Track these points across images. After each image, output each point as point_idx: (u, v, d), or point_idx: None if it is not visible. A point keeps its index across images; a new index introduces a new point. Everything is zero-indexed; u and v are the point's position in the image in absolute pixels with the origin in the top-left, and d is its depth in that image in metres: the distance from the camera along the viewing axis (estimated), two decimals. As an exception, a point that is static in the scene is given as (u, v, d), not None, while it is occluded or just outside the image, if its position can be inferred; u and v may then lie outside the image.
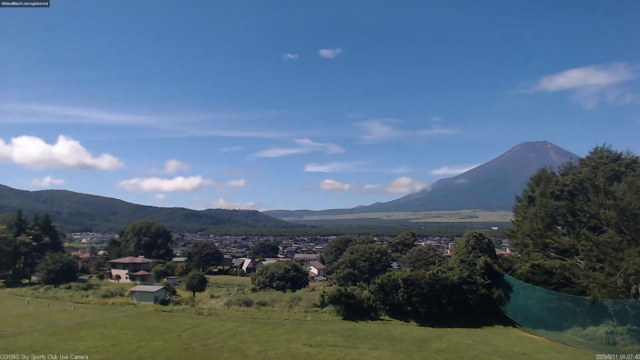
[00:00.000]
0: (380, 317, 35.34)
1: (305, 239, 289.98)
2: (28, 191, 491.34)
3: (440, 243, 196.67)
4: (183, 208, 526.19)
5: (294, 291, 50.06)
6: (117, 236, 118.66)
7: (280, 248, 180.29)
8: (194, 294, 52.67)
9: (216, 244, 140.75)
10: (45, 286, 56.34)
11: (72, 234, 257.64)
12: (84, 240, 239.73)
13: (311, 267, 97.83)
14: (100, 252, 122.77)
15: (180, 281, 68.51)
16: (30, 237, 72.54)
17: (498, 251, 51.38)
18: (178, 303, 43.32)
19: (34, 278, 70.21)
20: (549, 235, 34.55)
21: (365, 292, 37.23)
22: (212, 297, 47.57)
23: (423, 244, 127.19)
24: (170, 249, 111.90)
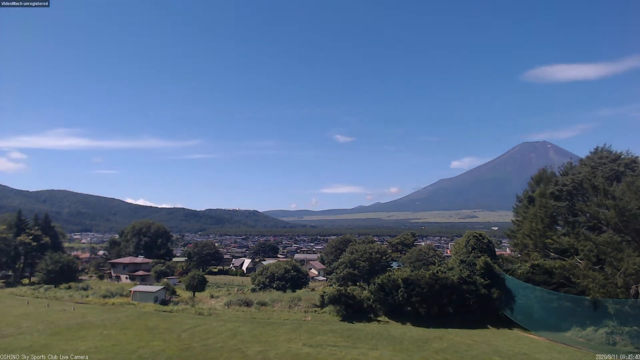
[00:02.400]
0: (380, 317, 35.32)
1: (305, 239, 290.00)
2: (28, 191, 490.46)
3: (440, 243, 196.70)
4: (183, 208, 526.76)
5: (294, 291, 50.01)
6: (117, 236, 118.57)
7: (280, 248, 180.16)
8: (194, 294, 52.66)
9: (216, 244, 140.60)
10: (45, 286, 56.29)
11: (72, 234, 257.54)
12: (84, 240, 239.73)
13: (311, 267, 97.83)
14: (100, 252, 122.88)
15: (180, 281, 68.52)
16: (30, 237, 72.48)
17: (498, 251, 51.31)
18: (178, 303, 43.29)
19: (34, 278, 70.22)
20: (549, 235, 34.52)
21: (365, 292, 37.19)
22: (212, 297, 47.54)
23: (423, 244, 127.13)
24: (170, 249, 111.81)
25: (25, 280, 70.39)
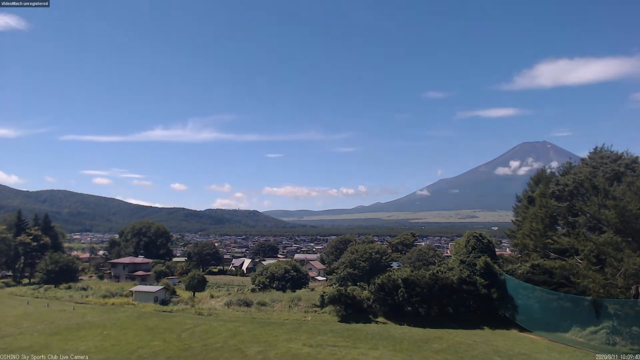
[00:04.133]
0: (380, 317, 35.31)
1: (305, 239, 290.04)
2: (28, 191, 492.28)
3: (440, 243, 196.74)
4: (183, 208, 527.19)
5: (294, 291, 49.99)
6: (116, 236, 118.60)
7: (280, 248, 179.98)
8: (194, 294, 52.66)
9: (216, 244, 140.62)
10: (45, 286, 56.29)
11: (72, 234, 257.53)
12: (83, 241, 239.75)
13: (311, 267, 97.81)
14: (100, 253, 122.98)
15: (180, 281, 68.51)
16: (30, 237, 72.51)
17: (498, 251, 51.24)
18: (178, 303, 43.29)
19: (33, 278, 70.22)
20: (549, 235, 34.48)
21: (365, 292, 37.18)
22: (212, 297, 47.54)
23: (423, 244, 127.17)
24: (170, 249, 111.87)
25: (25, 280, 70.39)
